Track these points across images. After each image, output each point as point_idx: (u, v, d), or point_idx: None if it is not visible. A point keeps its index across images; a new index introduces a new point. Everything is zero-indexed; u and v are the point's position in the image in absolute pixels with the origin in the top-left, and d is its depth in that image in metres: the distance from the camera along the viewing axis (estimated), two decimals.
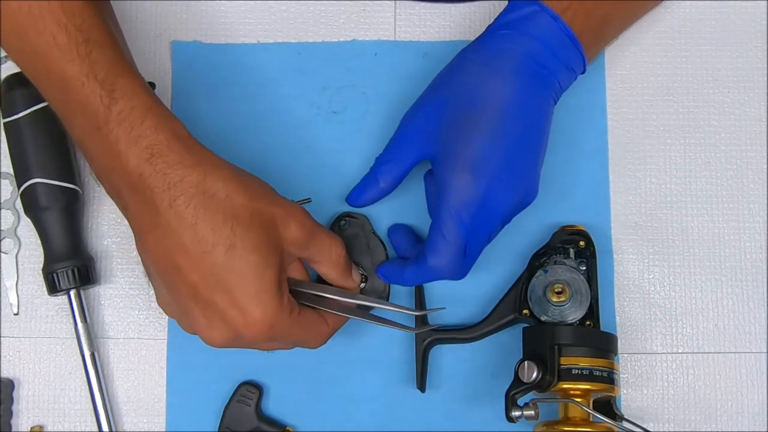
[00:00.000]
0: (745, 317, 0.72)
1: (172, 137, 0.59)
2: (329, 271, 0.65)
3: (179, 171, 0.59)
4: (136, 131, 0.59)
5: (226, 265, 0.59)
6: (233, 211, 0.59)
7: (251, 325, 0.60)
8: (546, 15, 0.65)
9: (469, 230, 0.64)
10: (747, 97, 0.74)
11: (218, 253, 0.59)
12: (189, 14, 0.76)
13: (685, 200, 0.73)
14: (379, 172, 0.68)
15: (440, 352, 0.72)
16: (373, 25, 0.75)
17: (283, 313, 0.61)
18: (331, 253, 0.64)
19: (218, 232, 0.59)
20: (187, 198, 0.59)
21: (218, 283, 0.59)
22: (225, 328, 0.60)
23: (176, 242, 0.59)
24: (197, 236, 0.59)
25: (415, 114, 0.67)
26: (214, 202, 0.59)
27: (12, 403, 0.71)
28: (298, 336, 0.63)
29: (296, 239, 0.62)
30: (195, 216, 0.59)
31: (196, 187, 0.59)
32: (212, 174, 0.59)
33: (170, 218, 0.59)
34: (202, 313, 0.60)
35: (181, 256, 0.59)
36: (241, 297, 0.59)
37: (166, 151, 0.59)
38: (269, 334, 0.61)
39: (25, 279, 0.73)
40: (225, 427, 0.70)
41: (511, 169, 0.64)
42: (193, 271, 0.59)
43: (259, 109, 0.74)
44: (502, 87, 0.64)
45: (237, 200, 0.60)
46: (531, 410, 0.65)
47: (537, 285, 0.69)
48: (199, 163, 0.59)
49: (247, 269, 0.59)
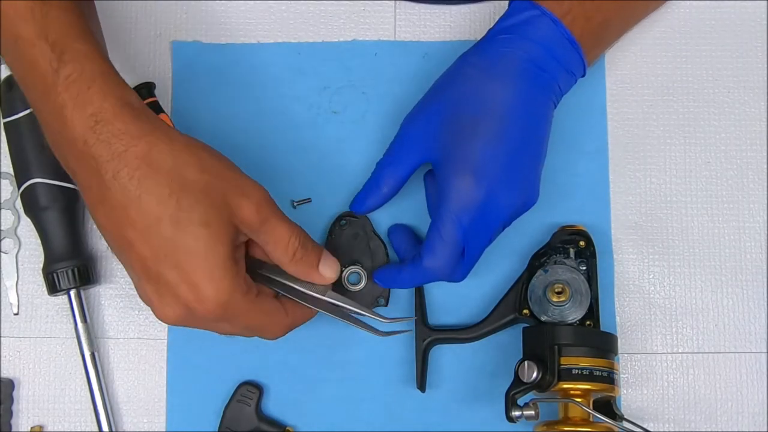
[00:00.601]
0: (745, 317, 0.72)
1: (119, 105, 0.57)
2: (282, 263, 0.62)
3: (124, 141, 0.56)
4: (83, 97, 0.56)
5: (174, 239, 0.57)
6: (180, 184, 0.57)
7: (203, 301, 0.57)
8: (546, 19, 0.65)
9: (468, 233, 0.64)
10: (747, 97, 0.74)
11: (164, 227, 0.56)
12: (189, 14, 0.76)
13: (685, 200, 0.73)
14: (381, 176, 0.68)
15: (440, 352, 0.72)
16: (373, 25, 0.75)
17: (238, 291, 0.58)
18: (287, 245, 0.61)
19: (163, 205, 0.56)
20: (131, 170, 0.56)
21: (167, 257, 0.57)
22: (177, 304, 0.58)
23: (123, 215, 0.57)
24: (142, 210, 0.56)
25: (416, 117, 0.67)
26: (160, 174, 0.56)
27: (12, 403, 0.71)
28: (253, 320, 0.61)
29: (248, 221, 0.59)
30: (139, 188, 0.56)
31: (141, 159, 0.56)
32: (159, 145, 0.57)
33: (115, 190, 0.56)
34: (154, 288, 0.58)
35: (129, 229, 0.57)
36: (192, 272, 0.57)
37: (112, 119, 0.56)
38: (222, 312, 0.58)
39: (25, 279, 0.73)
40: (225, 427, 0.70)
41: (512, 172, 0.64)
42: (142, 245, 0.57)
43: (259, 109, 0.74)
44: (502, 91, 0.64)
45: (185, 172, 0.57)
46: (531, 410, 0.65)
47: (537, 285, 0.69)
48: (147, 133, 0.57)
49: (197, 244, 0.57)
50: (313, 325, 0.71)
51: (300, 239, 0.62)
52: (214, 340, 0.72)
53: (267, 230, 0.60)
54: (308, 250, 0.63)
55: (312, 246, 0.63)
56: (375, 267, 0.71)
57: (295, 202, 0.73)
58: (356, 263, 0.71)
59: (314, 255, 0.63)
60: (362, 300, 0.71)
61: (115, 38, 0.75)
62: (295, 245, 0.62)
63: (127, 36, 0.75)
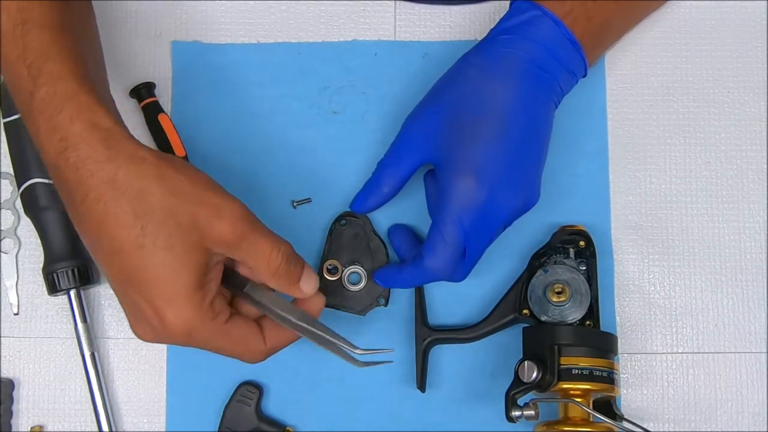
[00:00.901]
0: (745, 317, 0.72)
1: (87, 129, 0.56)
2: (264, 278, 0.61)
3: (89, 166, 0.56)
4: (53, 121, 0.56)
5: (138, 264, 0.56)
6: (145, 209, 0.56)
7: (166, 327, 0.57)
8: (548, 19, 0.65)
9: (469, 233, 0.64)
10: (747, 97, 0.74)
11: (128, 252, 0.56)
12: (189, 14, 0.76)
13: (685, 200, 0.73)
14: (382, 176, 0.68)
15: (440, 352, 0.72)
16: (373, 25, 0.75)
17: (203, 319, 0.58)
18: (269, 259, 0.60)
19: (127, 230, 0.56)
20: (97, 194, 0.56)
21: (131, 282, 0.57)
22: (148, 327, 0.58)
23: (92, 239, 0.57)
24: (108, 234, 0.56)
25: (417, 118, 0.67)
26: (125, 199, 0.56)
27: (12, 403, 0.71)
28: (224, 348, 0.60)
29: (223, 239, 0.58)
30: (105, 213, 0.56)
31: (108, 183, 0.56)
32: (125, 168, 0.56)
33: (83, 214, 0.57)
34: (128, 309, 0.59)
35: (98, 253, 0.58)
36: (155, 298, 0.56)
37: (80, 144, 0.56)
38: (186, 338, 0.58)
39: (25, 279, 0.73)
40: (225, 427, 0.70)
41: (513, 173, 0.64)
42: (110, 268, 0.57)
43: (259, 109, 0.74)
44: (504, 91, 0.64)
45: (151, 196, 0.56)
46: (531, 410, 0.65)
47: (537, 285, 0.69)
48: (112, 157, 0.56)
49: (160, 270, 0.56)
50: None
51: (283, 254, 0.60)
52: None
53: (246, 246, 0.59)
54: (291, 265, 0.61)
55: (296, 261, 0.62)
56: (375, 267, 0.71)
57: (295, 202, 0.73)
58: (356, 263, 0.71)
59: (297, 270, 0.62)
60: (362, 300, 0.71)
61: (115, 38, 0.75)
62: (278, 260, 0.60)
63: (127, 36, 0.75)
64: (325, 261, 0.71)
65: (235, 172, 0.73)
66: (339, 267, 0.71)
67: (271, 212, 0.73)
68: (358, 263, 0.71)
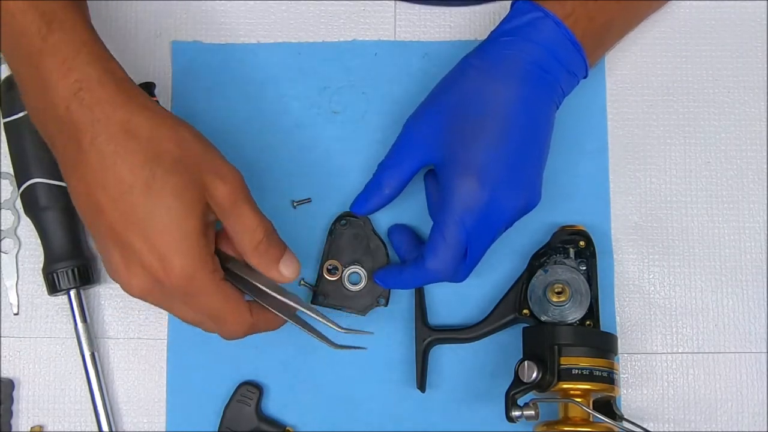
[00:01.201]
0: (745, 317, 0.72)
1: (104, 74, 0.58)
2: (245, 252, 0.62)
3: (106, 108, 0.57)
4: (68, 63, 0.58)
5: (145, 207, 0.57)
6: (155, 154, 0.58)
7: (169, 272, 0.58)
8: (549, 21, 0.65)
9: (471, 234, 0.64)
10: (747, 97, 0.74)
11: (136, 195, 0.57)
12: (189, 14, 0.76)
13: (685, 200, 0.73)
14: (383, 178, 0.68)
15: (440, 352, 0.72)
16: (373, 25, 0.75)
17: (205, 269, 0.59)
18: (253, 234, 0.61)
19: (136, 173, 0.57)
20: (108, 136, 0.57)
21: (136, 225, 0.57)
22: (143, 274, 0.58)
23: (97, 180, 0.58)
24: (116, 176, 0.57)
25: (418, 119, 0.67)
26: (136, 142, 0.57)
27: (12, 403, 0.71)
28: (215, 304, 0.60)
29: (220, 201, 0.59)
30: (115, 154, 0.57)
31: (120, 126, 0.57)
32: (139, 115, 0.58)
33: (91, 155, 0.57)
34: (121, 255, 0.59)
35: (101, 194, 0.58)
36: (161, 243, 0.57)
37: (96, 87, 0.58)
38: (187, 285, 0.58)
39: (25, 279, 0.73)
40: (225, 427, 0.70)
41: (515, 174, 0.64)
42: (112, 210, 0.58)
43: (259, 109, 0.74)
44: (506, 93, 0.64)
45: (162, 144, 0.58)
46: (531, 410, 0.65)
47: (537, 285, 0.69)
48: (128, 102, 0.58)
49: (167, 215, 0.57)
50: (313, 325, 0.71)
51: (266, 232, 0.62)
52: (214, 340, 0.72)
53: (237, 215, 0.60)
54: (272, 244, 0.62)
55: (277, 242, 0.63)
56: (375, 267, 0.71)
57: (295, 202, 0.73)
58: (356, 263, 0.71)
59: (277, 251, 0.62)
60: (362, 300, 0.71)
61: (115, 38, 0.75)
62: (261, 236, 0.61)
63: (127, 36, 0.75)
64: (326, 261, 0.71)
65: None
66: (339, 267, 0.71)
67: (271, 212, 0.72)
68: (358, 263, 0.71)
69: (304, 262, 0.71)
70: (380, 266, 0.71)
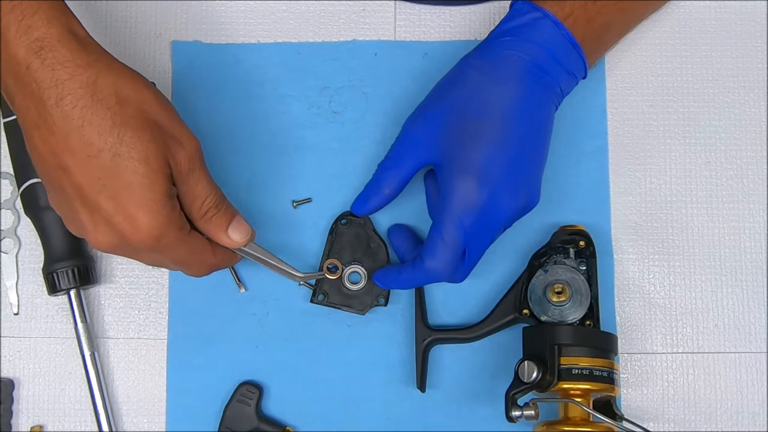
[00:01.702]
0: (745, 317, 0.72)
1: (66, 32, 0.57)
2: (193, 218, 0.62)
3: (69, 68, 0.57)
4: (27, 21, 0.57)
5: (112, 171, 0.57)
6: (123, 118, 0.57)
7: (137, 231, 0.58)
8: (548, 21, 0.65)
9: (469, 235, 0.64)
10: (747, 97, 0.74)
11: (104, 159, 0.57)
12: (189, 14, 0.76)
13: (685, 200, 0.73)
14: (383, 178, 0.68)
15: (440, 352, 0.72)
16: (373, 25, 0.75)
17: (172, 226, 0.59)
18: (202, 203, 0.62)
19: (104, 137, 0.57)
20: (74, 98, 0.57)
21: (104, 187, 0.58)
22: (111, 232, 0.59)
23: (62, 142, 0.57)
24: (83, 139, 0.57)
25: (417, 119, 0.67)
26: (104, 105, 0.57)
27: (12, 403, 0.71)
28: (183, 256, 0.62)
29: (179, 167, 0.60)
30: (82, 118, 0.57)
31: (86, 88, 0.57)
32: (105, 77, 0.57)
33: (56, 116, 0.57)
34: (89, 215, 0.59)
35: (67, 156, 0.57)
36: (129, 204, 0.58)
37: (58, 46, 0.57)
38: (155, 244, 0.59)
39: (25, 279, 0.73)
40: (225, 427, 0.70)
41: (514, 175, 0.64)
42: (80, 173, 0.58)
43: (259, 109, 0.74)
44: (505, 93, 0.64)
45: (129, 108, 0.58)
46: (531, 410, 0.65)
47: (537, 285, 0.69)
48: (92, 63, 0.57)
49: (135, 178, 0.57)
50: (313, 325, 0.72)
51: (215, 200, 0.62)
52: (214, 340, 0.72)
53: (190, 182, 0.61)
54: (220, 212, 0.63)
55: (225, 209, 0.63)
56: (375, 267, 0.71)
57: (295, 202, 0.73)
58: (357, 262, 0.71)
59: (225, 218, 0.63)
60: (362, 299, 0.71)
61: (115, 38, 0.75)
62: (210, 204, 0.62)
63: (127, 36, 0.75)
64: (326, 260, 0.71)
65: (235, 172, 0.73)
66: (339, 266, 0.71)
67: (271, 212, 0.73)
68: (358, 263, 0.71)
69: (303, 261, 0.72)
70: (380, 266, 0.71)
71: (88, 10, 0.75)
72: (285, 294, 0.72)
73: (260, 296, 0.72)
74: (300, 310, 0.72)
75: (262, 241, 0.68)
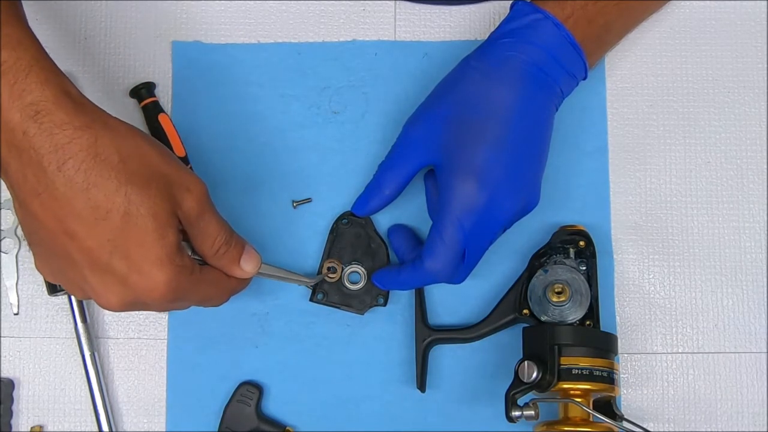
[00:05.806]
0: (745, 317, 0.72)
1: (60, 94, 0.56)
2: (205, 256, 0.62)
3: (68, 132, 0.55)
4: (21, 85, 0.55)
5: (123, 230, 0.56)
6: (127, 176, 0.56)
7: (154, 289, 0.57)
8: (549, 23, 0.65)
9: (469, 236, 0.64)
10: (747, 97, 0.74)
11: (113, 219, 0.56)
12: (189, 14, 0.76)
13: (685, 200, 0.73)
14: (383, 179, 0.68)
15: (440, 352, 0.72)
16: (373, 25, 0.75)
17: (185, 273, 0.59)
18: (214, 241, 0.61)
19: (112, 198, 0.56)
20: (77, 162, 0.55)
21: (116, 248, 0.57)
22: (125, 292, 0.58)
23: (67, 208, 0.56)
24: (90, 202, 0.56)
25: (418, 120, 0.67)
26: (107, 166, 0.56)
27: (12, 403, 0.71)
28: (203, 293, 0.62)
29: (188, 213, 0.59)
30: (86, 181, 0.55)
31: (87, 150, 0.55)
32: (104, 136, 0.56)
33: (58, 182, 0.55)
34: (99, 278, 0.58)
35: (73, 221, 0.56)
36: (144, 262, 0.57)
37: (54, 109, 0.55)
38: (173, 296, 0.59)
39: (25, 279, 0.73)
40: (225, 427, 0.70)
41: (514, 176, 0.64)
42: (88, 237, 0.56)
43: (260, 109, 0.74)
44: (505, 95, 0.64)
45: (132, 165, 0.57)
46: (531, 410, 0.65)
47: (537, 285, 0.69)
48: (90, 124, 0.56)
49: (146, 235, 0.57)
50: (313, 325, 0.72)
51: (226, 237, 0.62)
52: (214, 340, 0.72)
53: (201, 225, 0.60)
54: (231, 247, 0.62)
55: (236, 243, 0.63)
56: (375, 267, 0.71)
57: (295, 202, 0.73)
58: (357, 262, 0.71)
59: (236, 252, 0.63)
60: (362, 299, 0.71)
61: (115, 38, 0.75)
62: (220, 243, 0.62)
63: (127, 36, 0.75)
64: (326, 259, 0.71)
65: (235, 172, 0.73)
66: (339, 266, 0.71)
67: (271, 212, 0.73)
68: (358, 263, 0.71)
69: (303, 261, 0.72)
70: (380, 266, 0.71)
71: (89, 10, 0.75)
72: (285, 294, 0.72)
73: (260, 296, 0.72)
74: (300, 310, 0.72)
75: (262, 241, 0.68)
